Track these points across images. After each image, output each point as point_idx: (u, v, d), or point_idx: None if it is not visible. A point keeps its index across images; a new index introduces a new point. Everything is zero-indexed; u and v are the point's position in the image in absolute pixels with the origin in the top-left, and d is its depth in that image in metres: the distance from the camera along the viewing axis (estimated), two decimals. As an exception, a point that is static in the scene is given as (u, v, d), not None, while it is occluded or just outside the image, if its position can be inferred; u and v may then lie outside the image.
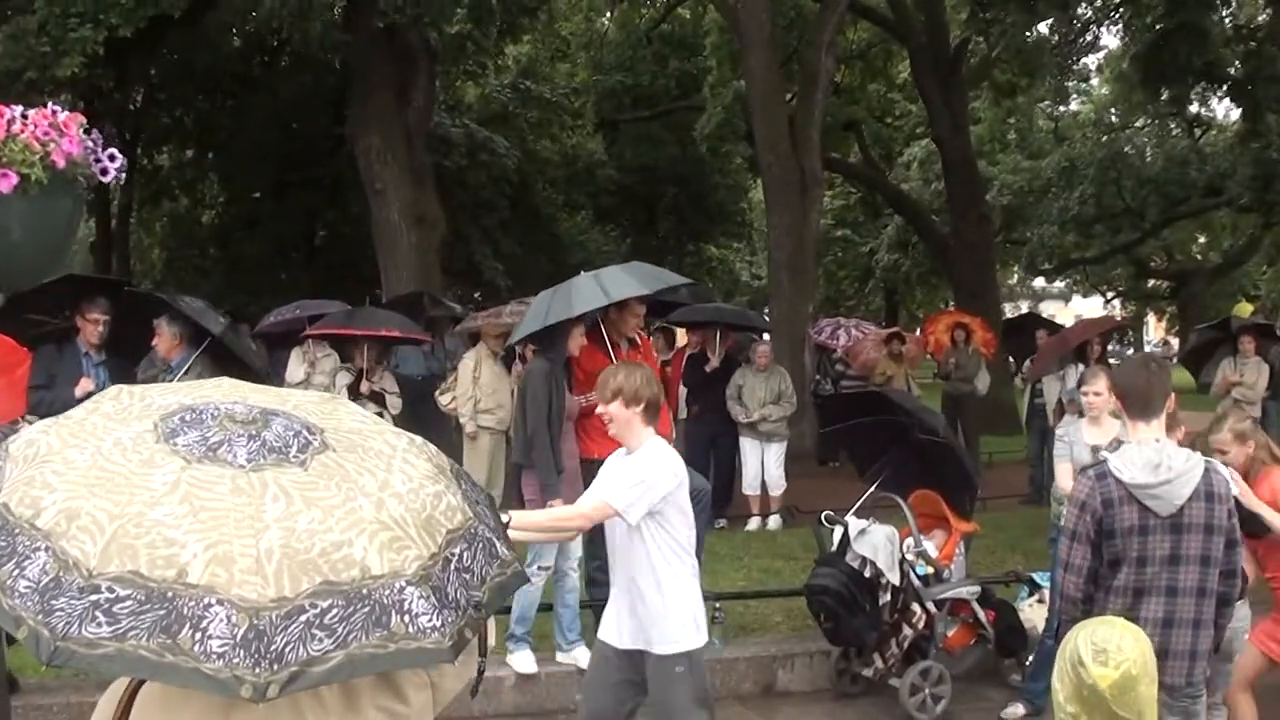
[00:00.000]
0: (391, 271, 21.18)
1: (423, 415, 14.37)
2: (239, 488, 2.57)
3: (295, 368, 14.89)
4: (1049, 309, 65.61)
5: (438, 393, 14.73)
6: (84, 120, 6.07)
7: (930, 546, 9.38)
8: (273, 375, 13.69)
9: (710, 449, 16.06)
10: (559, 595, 9.56)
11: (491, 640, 3.18)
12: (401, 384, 14.41)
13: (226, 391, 2.98)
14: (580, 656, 9.54)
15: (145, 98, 30.26)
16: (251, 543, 2.46)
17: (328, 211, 30.20)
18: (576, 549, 9.56)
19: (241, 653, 2.35)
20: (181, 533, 2.43)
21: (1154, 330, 78.96)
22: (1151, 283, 58.64)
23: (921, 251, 42.55)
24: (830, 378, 20.81)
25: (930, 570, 9.17)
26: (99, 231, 34.62)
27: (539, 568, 9.26)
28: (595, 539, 9.89)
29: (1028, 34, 31.44)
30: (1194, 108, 40.83)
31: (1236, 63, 19.89)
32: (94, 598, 2.35)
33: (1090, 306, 73.82)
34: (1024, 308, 66.77)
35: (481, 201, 32.71)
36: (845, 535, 9.24)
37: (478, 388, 14.13)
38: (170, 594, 2.37)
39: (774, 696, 9.96)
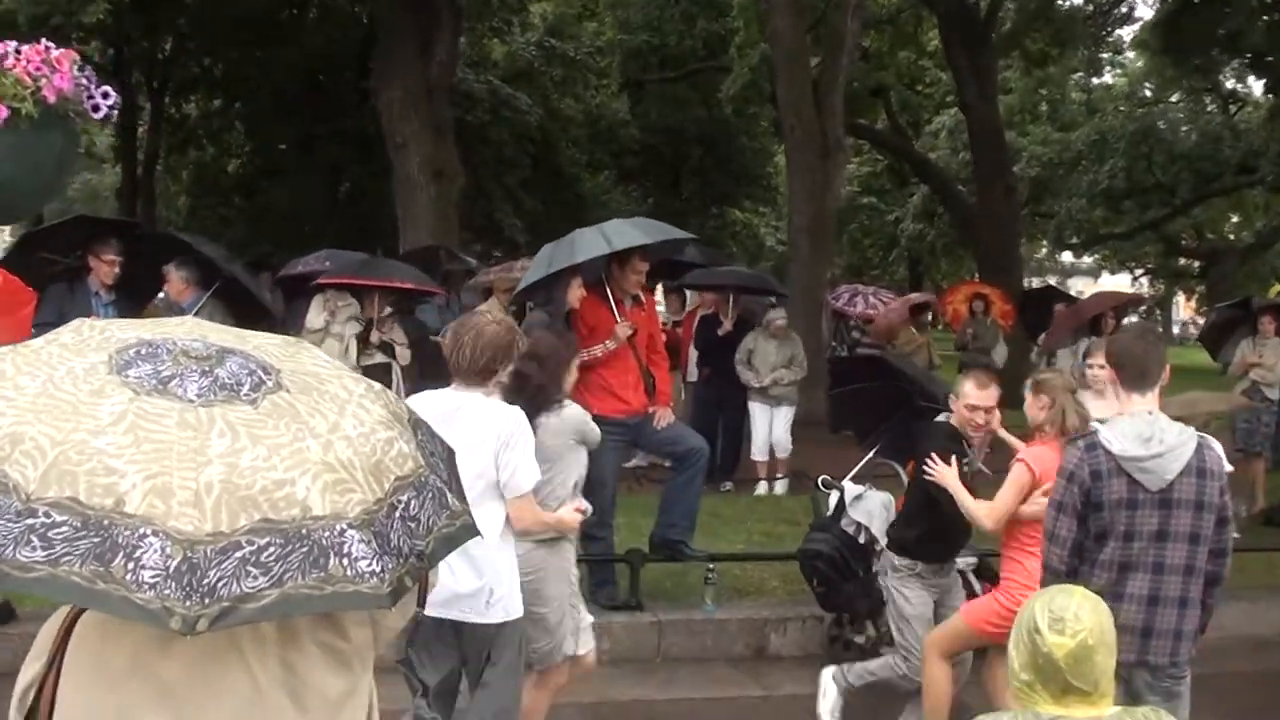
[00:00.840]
0: (409, 224, 21.17)
1: (437, 369, 14.35)
2: (185, 421, 2.56)
3: (315, 315, 14.87)
4: (1078, 285, 65.25)
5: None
6: (77, 57, 6.04)
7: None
8: (290, 323, 13.67)
9: (718, 412, 16.04)
10: (551, 549, 9.52)
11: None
12: (416, 337, 14.40)
13: (189, 329, 2.96)
14: (570, 608, 9.53)
15: (174, 46, 30.23)
16: (192, 476, 2.44)
17: (353, 165, 30.17)
18: (569, 504, 9.52)
19: (173, 584, 2.33)
20: (123, 462, 2.42)
21: (1183, 309, 78.57)
22: (1181, 261, 58.27)
23: (947, 221, 42.35)
24: (847, 344, 20.74)
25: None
26: (125, 178, 34.75)
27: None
28: (592, 495, 9.89)
29: (1059, 2, 31.31)
30: (1230, 84, 40.65)
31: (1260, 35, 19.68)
32: (30, 521, 2.34)
33: (1120, 283, 73.62)
34: (1053, 282, 66.67)
35: (504, 158, 32.75)
36: (841, 500, 9.18)
37: (489, 342, 14.08)
38: (107, 522, 2.35)
39: (765, 660, 9.95)
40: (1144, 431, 5.64)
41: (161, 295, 11.70)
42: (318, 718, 2.88)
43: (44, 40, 6.50)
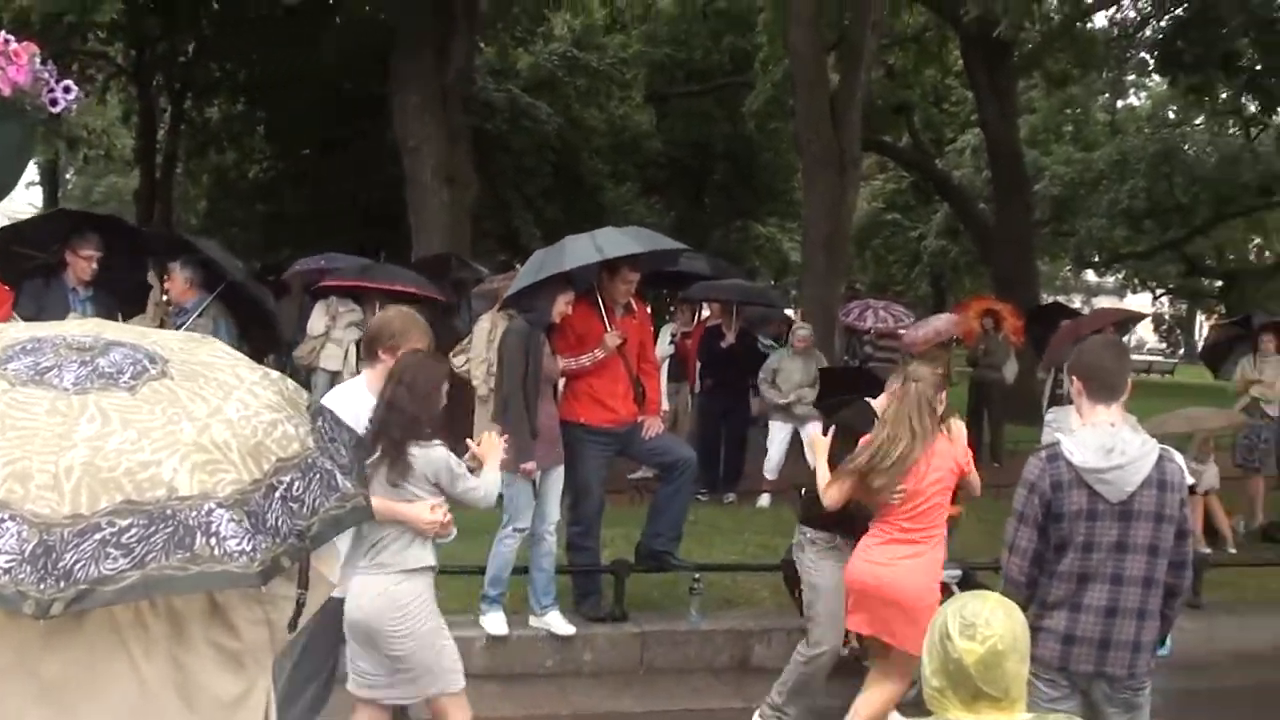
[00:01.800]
0: (422, 231, 21.23)
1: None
2: (56, 409, 2.55)
3: (317, 320, 14.98)
4: (1103, 304, 65.05)
5: (451, 354, 14.75)
6: (37, 50, 6.05)
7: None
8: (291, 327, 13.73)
9: (722, 423, 16.05)
10: (534, 559, 9.55)
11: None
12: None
13: (88, 328, 2.96)
14: (553, 621, 9.57)
15: (196, 49, 30.36)
16: (52, 460, 2.44)
17: (371, 171, 30.23)
18: (554, 513, 9.56)
19: (28, 568, 2.33)
20: None
21: (1205, 328, 78.28)
22: (1203, 281, 58.10)
23: (969, 238, 42.32)
24: (859, 359, 20.71)
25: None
26: (143, 180, 34.83)
27: (514, 529, 9.29)
28: (578, 505, 9.93)
29: (1080, 24, 31.28)
30: (1253, 107, 40.52)
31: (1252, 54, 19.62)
32: None
33: (1142, 302, 73.33)
34: (1077, 302, 66.45)
35: (523, 167, 32.81)
36: (824, 510, 9.18)
37: (491, 350, 14.12)
38: None
39: (749, 671, 9.96)
40: (1105, 443, 5.65)
41: (164, 296, 11.76)
42: (210, 719, 2.86)
43: (3, 33, 6.49)
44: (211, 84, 32.66)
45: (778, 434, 15.86)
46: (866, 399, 8.36)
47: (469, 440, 6.79)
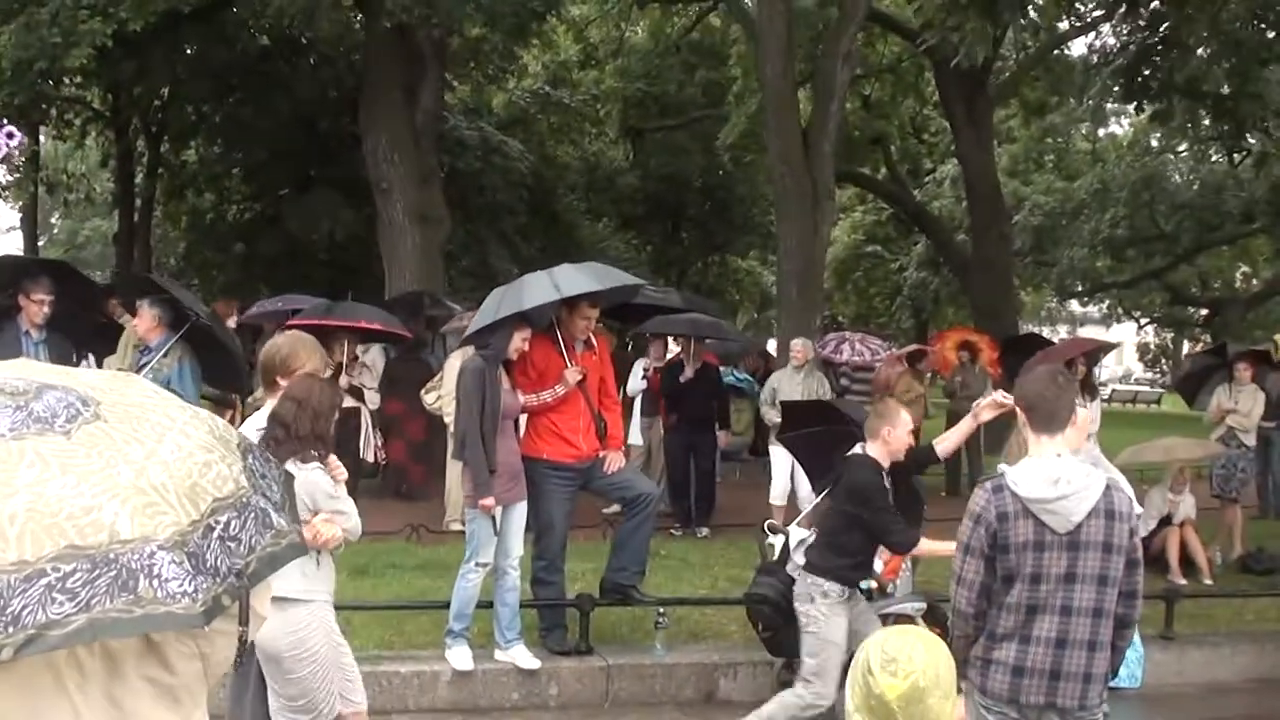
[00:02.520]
0: (395, 270, 21.23)
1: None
2: None
3: (278, 360, 14.92)
4: (1088, 334, 65.19)
5: (423, 391, 14.76)
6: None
7: (877, 562, 9.26)
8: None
9: (690, 457, 16.01)
10: (498, 593, 9.53)
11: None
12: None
13: (18, 370, 2.95)
14: (518, 655, 9.54)
15: (171, 92, 30.40)
16: None
17: (345, 210, 30.26)
18: (517, 547, 9.52)
19: None
20: None
21: (1190, 357, 78.42)
22: (1189, 310, 58.25)
23: (949, 270, 42.44)
24: (836, 391, 20.70)
25: (874, 585, 9.04)
26: (122, 223, 34.86)
27: (477, 564, 9.27)
28: (541, 539, 9.89)
29: (1056, 51, 31.41)
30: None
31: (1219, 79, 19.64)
32: None
33: (1129, 332, 73.54)
34: (1062, 332, 66.57)
35: (497, 204, 32.83)
36: (786, 544, 9.15)
37: (460, 388, 14.15)
38: None
39: (714, 705, 9.90)
40: (1051, 473, 5.60)
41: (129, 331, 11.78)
42: None
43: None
44: (187, 127, 32.68)
45: (780, 460, 15.46)
46: (860, 449, 8.34)
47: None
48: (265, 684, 6.64)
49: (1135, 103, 23.39)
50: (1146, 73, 21.38)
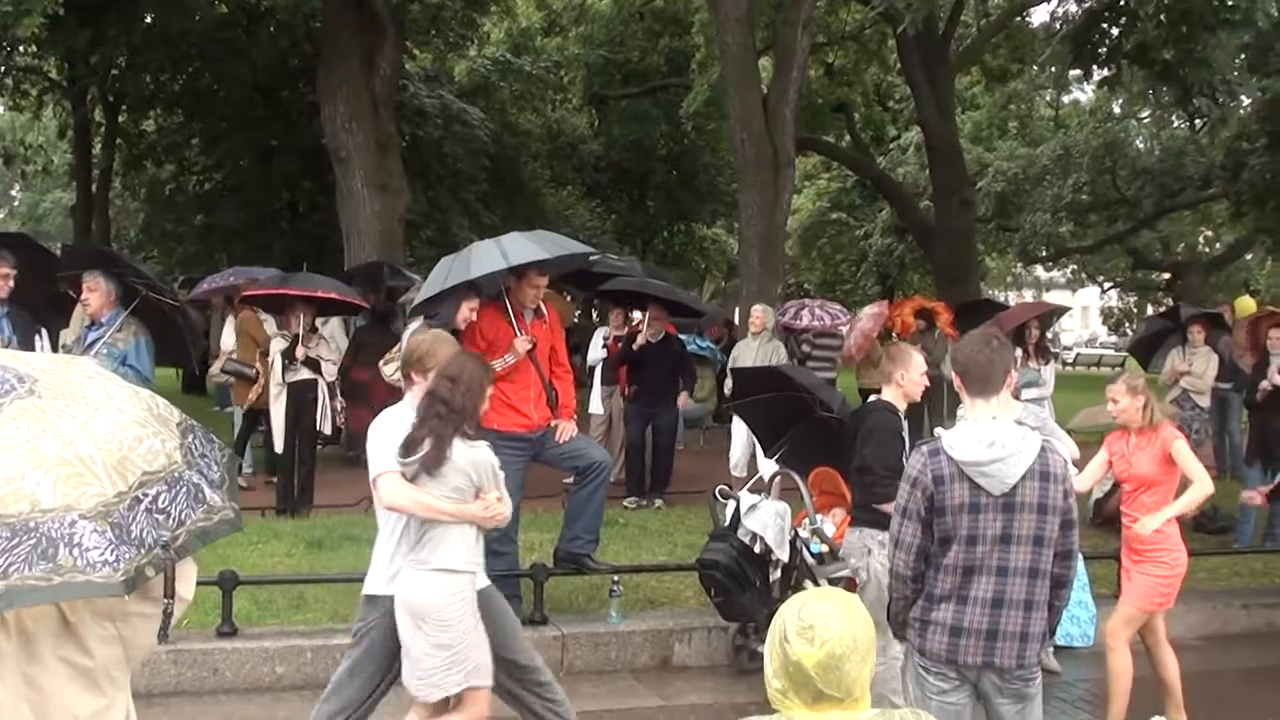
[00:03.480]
0: (354, 239, 21.14)
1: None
2: None
3: (228, 334, 14.91)
4: (1054, 299, 65.28)
5: (382, 362, 14.69)
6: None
7: (828, 525, 9.30)
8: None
9: (647, 428, 16.00)
10: (451, 566, 9.50)
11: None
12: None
13: None
14: (472, 627, 9.52)
15: (128, 62, 30.18)
16: None
17: (304, 179, 30.13)
18: (469, 521, 9.50)
19: None
20: None
21: (1152, 322, 78.45)
22: (1153, 275, 58.36)
23: (913, 236, 42.48)
24: (798, 358, 20.72)
25: (825, 548, 9.07)
26: (80, 195, 34.66)
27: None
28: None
29: (1019, 18, 31.44)
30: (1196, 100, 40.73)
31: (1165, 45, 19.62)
32: None
33: (1092, 297, 73.71)
34: (1028, 297, 66.67)
35: (459, 173, 32.75)
36: (737, 510, 9.19)
37: (420, 359, 14.10)
38: None
39: (669, 670, 9.94)
40: (986, 437, 5.65)
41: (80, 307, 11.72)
42: None
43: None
44: (145, 96, 32.47)
45: (740, 427, 15.51)
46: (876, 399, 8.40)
47: None
48: (384, 658, 6.73)
49: (1084, 70, 23.43)
50: (1095, 38, 21.42)
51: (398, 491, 6.43)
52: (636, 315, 17.29)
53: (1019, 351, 14.21)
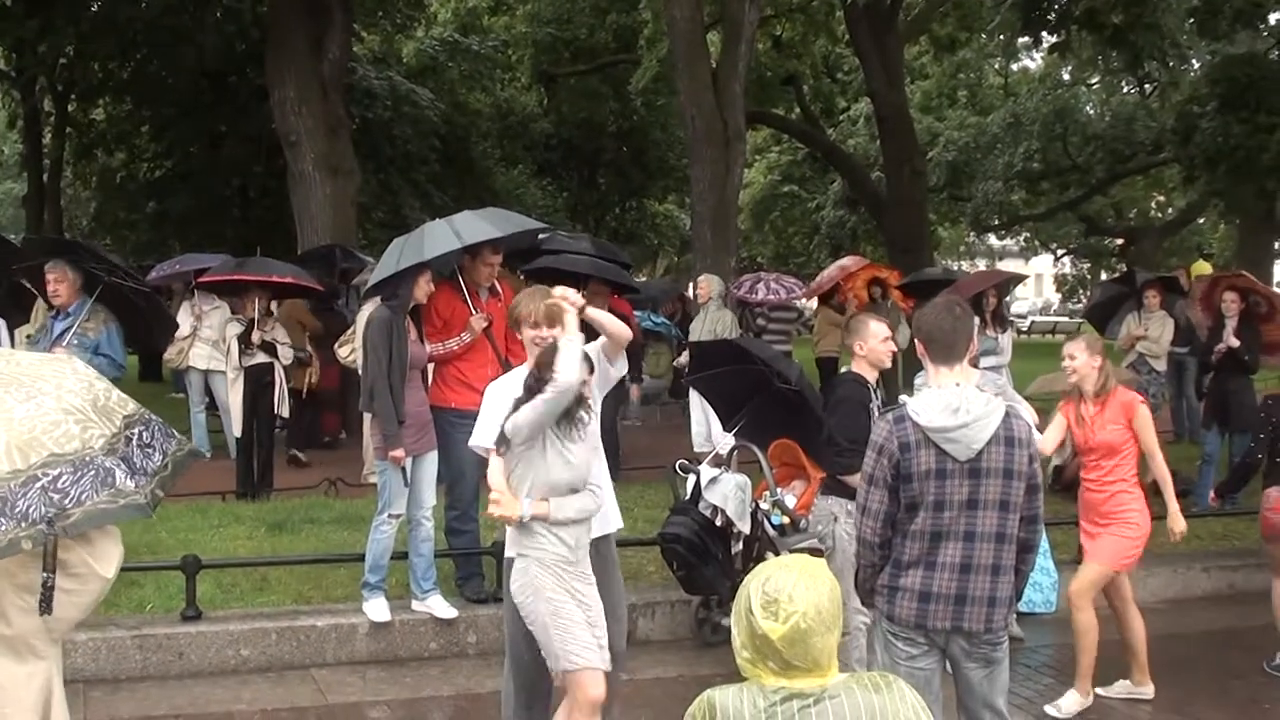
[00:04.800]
0: (306, 223, 20.97)
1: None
2: None
3: (183, 320, 14.84)
4: (1007, 267, 65.50)
5: (337, 345, 14.67)
6: None
7: (789, 497, 9.28)
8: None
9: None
10: (413, 544, 9.53)
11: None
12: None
13: None
14: (435, 605, 9.55)
15: (76, 50, 29.96)
16: None
17: (255, 164, 29.99)
18: (429, 498, 9.52)
19: None
20: None
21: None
22: (1105, 240, 58.67)
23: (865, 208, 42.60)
24: (753, 331, 20.75)
25: (786, 520, 9.05)
26: (32, 184, 34.47)
27: (389, 516, 9.28)
28: (454, 488, 9.88)
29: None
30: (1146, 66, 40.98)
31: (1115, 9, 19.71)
32: None
33: (1046, 264, 74.03)
34: (981, 266, 66.91)
35: (409, 155, 32.66)
36: (698, 483, 9.18)
37: (371, 340, 14.08)
38: None
39: (633, 645, 9.82)
40: (951, 403, 5.66)
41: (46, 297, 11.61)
42: None
43: None
44: (95, 85, 32.26)
45: (697, 402, 15.32)
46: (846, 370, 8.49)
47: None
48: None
49: (1033, 36, 23.59)
50: (1044, 4, 21.55)
51: None
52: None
53: (976, 320, 14.24)
